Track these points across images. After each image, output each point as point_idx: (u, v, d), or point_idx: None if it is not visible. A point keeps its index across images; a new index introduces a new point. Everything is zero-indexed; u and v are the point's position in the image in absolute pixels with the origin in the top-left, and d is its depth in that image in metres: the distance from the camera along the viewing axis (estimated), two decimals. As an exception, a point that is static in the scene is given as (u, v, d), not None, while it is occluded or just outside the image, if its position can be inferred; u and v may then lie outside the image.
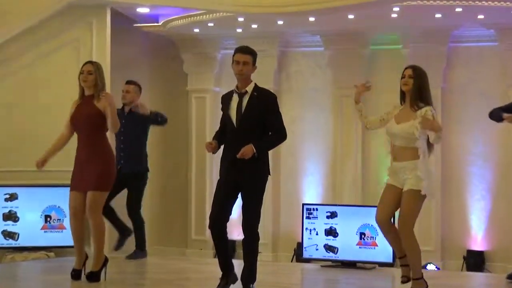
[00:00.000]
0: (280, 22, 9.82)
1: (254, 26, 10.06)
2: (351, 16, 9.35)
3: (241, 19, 9.66)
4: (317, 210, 8.37)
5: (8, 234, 8.82)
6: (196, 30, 10.44)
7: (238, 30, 10.41)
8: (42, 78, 9.16)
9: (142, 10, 9.96)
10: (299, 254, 9.29)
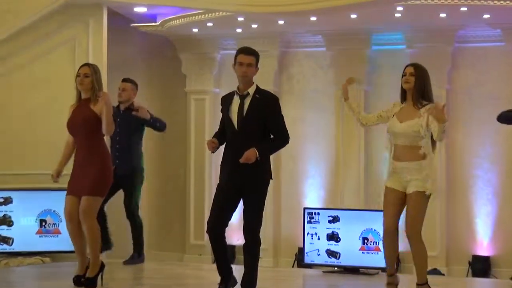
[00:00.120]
0: (280, 21, 9.83)
1: (254, 26, 10.07)
2: (354, 15, 9.36)
3: (241, 19, 9.67)
4: (318, 214, 8.38)
5: (2, 239, 8.82)
6: (195, 30, 10.45)
7: (238, 30, 10.42)
8: (38, 79, 9.17)
9: (139, 10, 9.96)
10: (301, 259, 9.30)
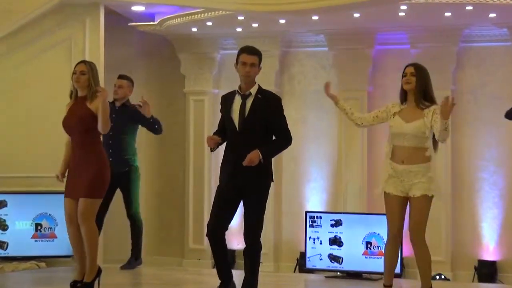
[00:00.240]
0: (282, 21, 9.83)
1: (255, 25, 10.07)
2: (357, 14, 9.36)
3: (241, 18, 9.67)
4: (321, 218, 8.39)
5: (-4, 244, 8.84)
6: (194, 29, 10.45)
7: (238, 29, 10.42)
8: (33, 79, 9.17)
9: (137, 8, 9.97)
10: (302, 264, 9.30)
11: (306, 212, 8.59)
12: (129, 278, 7.54)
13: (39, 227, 8.87)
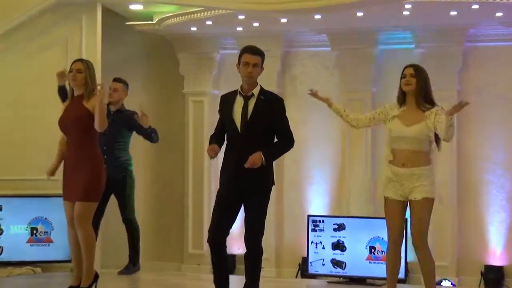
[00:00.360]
0: (283, 20, 9.83)
1: (256, 24, 10.07)
2: (360, 13, 9.35)
3: (241, 17, 9.66)
4: (323, 222, 8.39)
5: (-9, 248, 8.83)
6: (193, 28, 10.45)
7: (239, 29, 10.42)
8: (29, 79, 9.16)
9: (135, 7, 9.96)
10: (304, 269, 9.30)
11: (308, 216, 8.59)
12: (127, 283, 7.53)
13: (35, 231, 8.86)
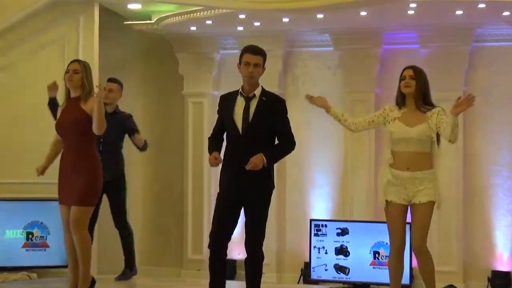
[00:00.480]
0: (285, 19, 9.81)
1: (257, 23, 10.06)
2: (364, 12, 9.34)
3: (242, 16, 9.65)
4: (326, 226, 8.37)
5: (-15, 254, 8.81)
6: (193, 28, 10.43)
7: (239, 28, 10.40)
8: (24, 80, 9.16)
9: (133, 6, 9.95)
10: (307, 275, 9.27)
11: (311, 220, 8.58)
12: (124, 289, 7.52)
13: (31, 236, 8.84)
